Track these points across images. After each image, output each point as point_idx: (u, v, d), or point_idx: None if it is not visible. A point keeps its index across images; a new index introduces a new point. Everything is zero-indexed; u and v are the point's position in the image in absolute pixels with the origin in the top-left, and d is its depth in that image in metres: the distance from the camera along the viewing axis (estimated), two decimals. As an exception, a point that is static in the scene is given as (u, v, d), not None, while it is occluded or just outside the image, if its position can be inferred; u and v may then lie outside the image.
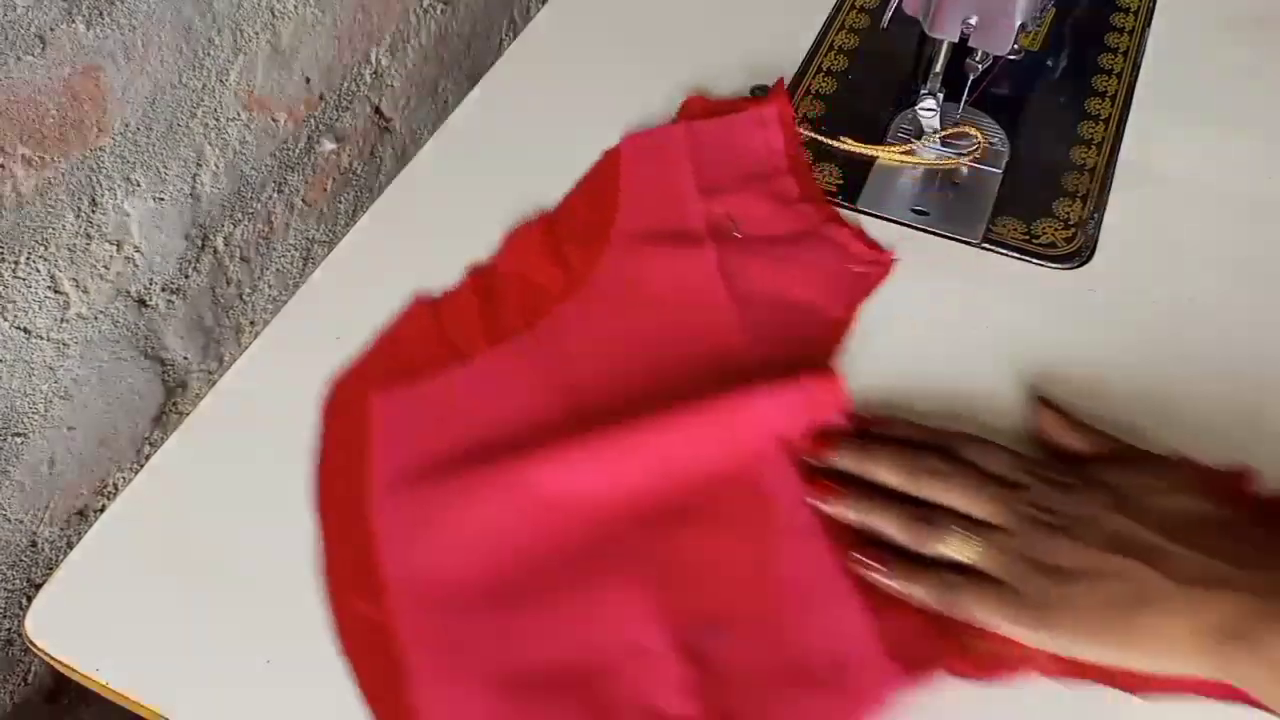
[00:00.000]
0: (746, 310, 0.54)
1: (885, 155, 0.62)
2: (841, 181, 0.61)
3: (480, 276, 0.57)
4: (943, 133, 0.61)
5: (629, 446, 0.47)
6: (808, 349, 0.52)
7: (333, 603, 0.45)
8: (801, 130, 0.63)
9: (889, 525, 0.44)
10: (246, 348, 0.55)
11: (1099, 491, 0.42)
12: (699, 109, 0.64)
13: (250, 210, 0.67)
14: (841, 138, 0.63)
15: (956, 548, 0.42)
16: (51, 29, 0.48)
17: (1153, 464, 0.45)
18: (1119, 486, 0.43)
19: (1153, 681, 0.40)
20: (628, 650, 0.42)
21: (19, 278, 0.52)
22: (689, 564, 0.45)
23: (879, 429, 0.48)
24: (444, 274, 0.57)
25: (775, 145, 0.62)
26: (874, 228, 0.59)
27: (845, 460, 0.46)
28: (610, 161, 0.62)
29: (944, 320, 0.55)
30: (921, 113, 0.61)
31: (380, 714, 0.42)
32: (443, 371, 0.52)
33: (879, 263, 0.56)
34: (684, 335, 0.53)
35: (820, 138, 0.63)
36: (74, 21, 0.49)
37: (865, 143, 0.62)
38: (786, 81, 0.66)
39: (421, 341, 0.54)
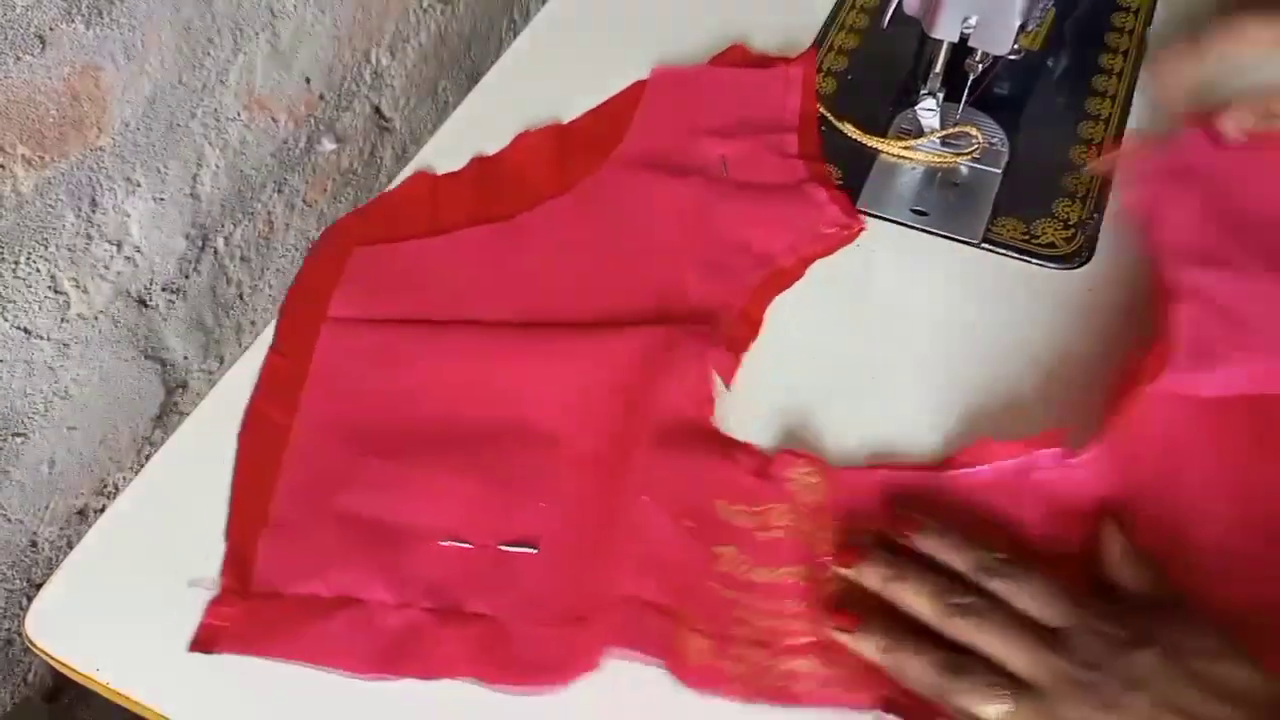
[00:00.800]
0: (704, 244, 0.57)
1: (886, 148, 0.62)
2: (841, 181, 0.61)
3: (483, 165, 0.62)
4: (942, 132, 0.61)
5: (540, 359, 0.51)
6: (748, 290, 0.55)
7: (251, 402, 0.51)
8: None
9: (913, 669, 0.40)
10: (246, 348, 0.55)
11: (1149, 650, 0.38)
12: (737, 58, 0.67)
13: (250, 210, 0.67)
14: (845, 121, 0.63)
15: (983, 704, 0.38)
16: (51, 29, 0.48)
17: (1204, 624, 0.39)
18: (1172, 645, 0.38)
19: None
20: (449, 533, 0.46)
21: (19, 278, 0.52)
22: (537, 476, 0.48)
23: (913, 537, 0.43)
24: (444, 274, 0.57)
25: (791, 105, 0.64)
26: (874, 227, 0.59)
27: (871, 579, 0.42)
28: (635, 90, 0.66)
29: (944, 320, 0.55)
30: (921, 112, 0.61)
31: (239, 503, 0.48)
32: (421, 239, 0.58)
33: (846, 227, 0.58)
34: (640, 255, 0.57)
35: (828, 114, 0.64)
36: (74, 21, 0.49)
37: (867, 145, 0.62)
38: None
39: (412, 209, 0.59)
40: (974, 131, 0.61)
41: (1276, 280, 0.50)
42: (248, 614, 0.44)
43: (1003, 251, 0.58)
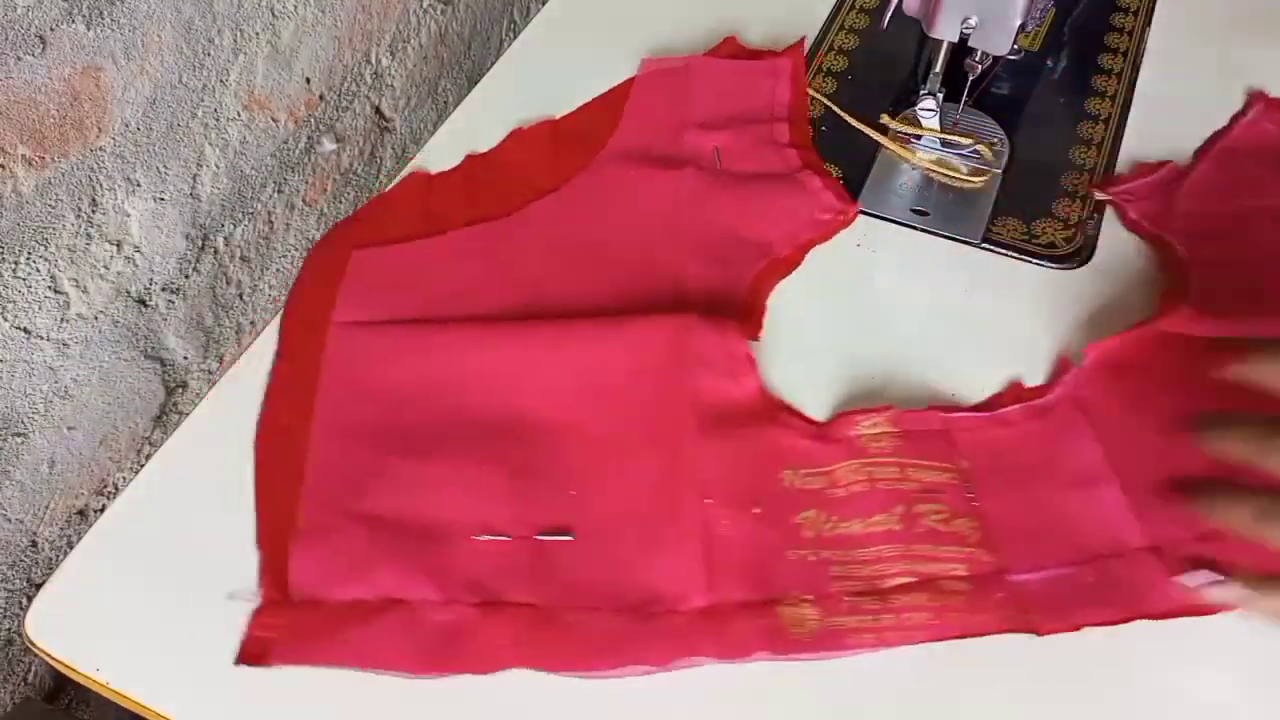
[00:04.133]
0: (700, 235, 0.57)
1: (889, 139, 0.62)
2: (841, 181, 0.61)
3: (475, 163, 0.62)
4: (942, 133, 0.61)
5: (553, 346, 0.52)
6: (748, 279, 0.56)
7: (264, 409, 0.51)
8: (813, 93, 0.65)
9: (1243, 514, 0.39)
10: (246, 348, 0.55)
11: None
12: (727, 51, 0.68)
13: (250, 210, 0.67)
14: (844, 111, 0.64)
15: None
16: (51, 29, 0.48)
17: None
18: None
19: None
20: (484, 527, 0.46)
21: (19, 278, 0.52)
22: (564, 464, 0.48)
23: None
24: (444, 274, 0.57)
25: (781, 95, 0.64)
26: (874, 227, 0.59)
27: (1234, 450, 0.40)
28: (625, 85, 0.66)
29: (944, 320, 0.55)
30: (921, 113, 0.61)
31: (265, 512, 0.47)
32: (417, 239, 0.58)
33: (842, 213, 0.58)
34: (637, 249, 0.57)
35: (831, 104, 0.64)
36: (74, 21, 0.49)
37: (866, 145, 0.62)
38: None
39: (407, 209, 0.60)
40: (982, 149, 0.61)
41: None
42: (293, 623, 0.44)
43: (1003, 251, 0.58)
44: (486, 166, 0.62)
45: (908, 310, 0.55)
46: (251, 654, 0.43)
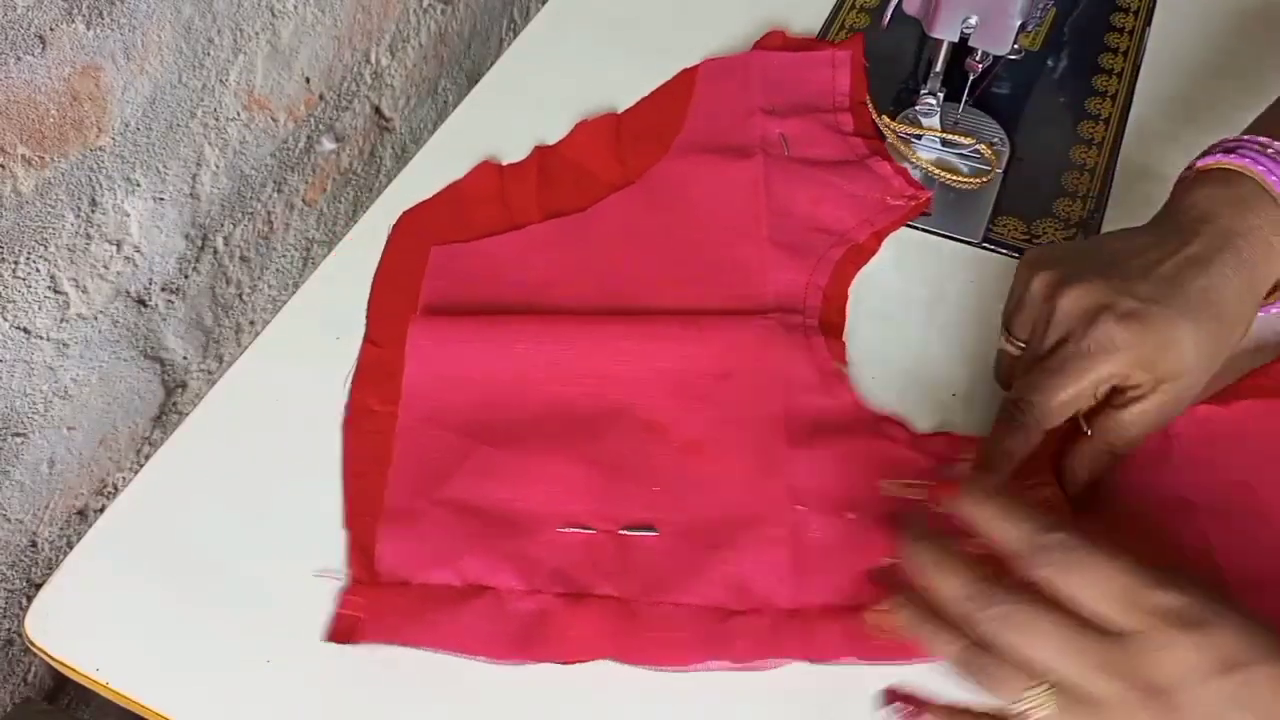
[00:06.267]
0: (779, 223, 0.57)
1: (894, 136, 0.62)
2: (842, 181, 0.61)
3: (545, 156, 0.62)
4: (943, 133, 0.61)
5: (640, 344, 0.52)
6: (830, 268, 0.56)
7: (352, 393, 0.52)
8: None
9: (947, 651, 0.36)
10: (246, 348, 0.55)
11: (1231, 677, 0.32)
12: (777, 42, 0.68)
13: (250, 210, 0.67)
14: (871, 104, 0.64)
15: (1021, 707, 0.34)
16: (51, 29, 0.48)
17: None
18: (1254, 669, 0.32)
19: None
20: (567, 519, 0.46)
21: (19, 278, 0.52)
22: (648, 461, 0.48)
23: (959, 503, 0.38)
24: (444, 274, 0.57)
25: (841, 85, 0.65)
26: (874, 227, 0.59)
27: (911, 562, 0.37)
28: (686, 78, 0.66)
29: (945, 320, 0.55)
30: (922, 112, 0.61)
31: (353, 494, 0.48)
32: (496, 231, 0.58)
33: (914, 199, 0.58)
34: (716, 239, 0.57)
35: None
36: (74, 21, 0.49)
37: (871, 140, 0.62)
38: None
39: (483, 199, 0.60)
40: (983, 149, 0.61)
41: None
42: (381, 603, 0.44)
43: (1004, 251, 0.58)
44: (557, 159, 0.62)
45: (907, 309, 0.55)
46: (340, 632, 0.44)
